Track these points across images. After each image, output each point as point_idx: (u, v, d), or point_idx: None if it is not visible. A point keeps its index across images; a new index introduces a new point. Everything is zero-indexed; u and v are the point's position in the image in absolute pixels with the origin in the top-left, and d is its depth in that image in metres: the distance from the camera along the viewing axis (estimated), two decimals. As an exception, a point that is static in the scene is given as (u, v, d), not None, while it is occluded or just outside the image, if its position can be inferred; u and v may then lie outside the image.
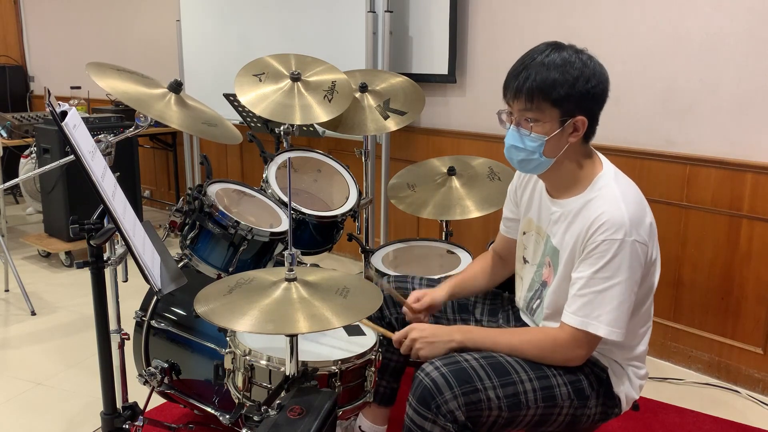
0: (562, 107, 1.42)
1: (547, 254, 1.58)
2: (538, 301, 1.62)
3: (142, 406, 1.67)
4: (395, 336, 1.59)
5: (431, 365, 1.43)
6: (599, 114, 1.48)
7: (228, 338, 1.59)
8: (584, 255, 1.43)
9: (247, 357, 1.51)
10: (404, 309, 1.76)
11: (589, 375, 1.51)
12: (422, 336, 1.54)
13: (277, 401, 1.31)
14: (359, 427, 1.91)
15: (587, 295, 1.42)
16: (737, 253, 2.49)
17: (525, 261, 1.68)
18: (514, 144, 1.49)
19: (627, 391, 1.55)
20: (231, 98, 3.13)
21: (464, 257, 2.32)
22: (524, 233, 1.68)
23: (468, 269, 1.87)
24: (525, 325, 1.70)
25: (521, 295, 1.70)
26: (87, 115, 4.02)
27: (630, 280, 1.40)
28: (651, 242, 1.45)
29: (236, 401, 1.57)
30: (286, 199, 2.17)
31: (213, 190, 2.02)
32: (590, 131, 1.49)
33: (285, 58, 2.40)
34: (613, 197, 1.43)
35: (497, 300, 1.83)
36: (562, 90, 1.40)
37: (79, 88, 4.37)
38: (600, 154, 1.56)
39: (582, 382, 1.49)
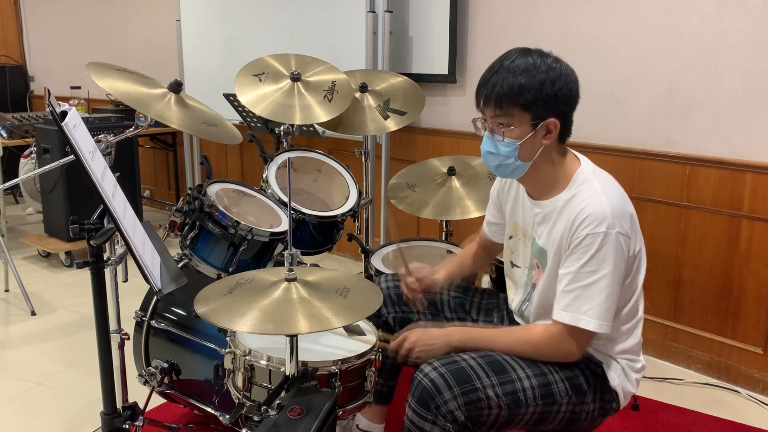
0: (531, 111, 1.44)
1: (534, 256, 1.59)
2: (528, 303, 1.63)
3: (142, 406, 1.67)
4: (392, 345, 1.59)
5: (430, 366, 1.43)
6: (572, 114, 1.50)
7: (228, 338, 1.59)
8: (570, 250, 1.45)
9: (247, 357, 1.51)
10: (402, 285, 1.79)
11: (585, 371, 1.52)
12: (420, 339, 1.54)
13: (277, 401, 1.31)
14: (357, 425, 1.91)
15: (575, 290, 1.43)
16: (737, 253, 2.49)
17: (514, 265, 1.69)
18: (489, 150, 1.52)
19: (623, 385, 1.55)
20: (231, 98, 3.13)
21: (464, 257, 2.32)
22: (510, 237, 1.69)
23: (461, 254, 1.93)
24: (518, 325, 1.71)
25: (515, 298, 1.71)
26: (87, 115, 4.02)
27: (615, 272, 1.42)
28: (633, 234, 1.46)
29: (236, 401, 1.57)
30: (286, 199, 2.17)
31: (213, 190, 2.02)
32: (564, 132, 1.50)
33: (285, 58, 2.40)
34: (593, 192, 1.45)
35: (493, 299, 1.83)
36: (530, 94, 1.42)
37: (79, 88, 4.37)
38: (576, 153, 1.57)
39: (578, 378, 1.50)
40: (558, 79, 1.44)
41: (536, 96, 1.42)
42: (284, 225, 2.06)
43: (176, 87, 1.94)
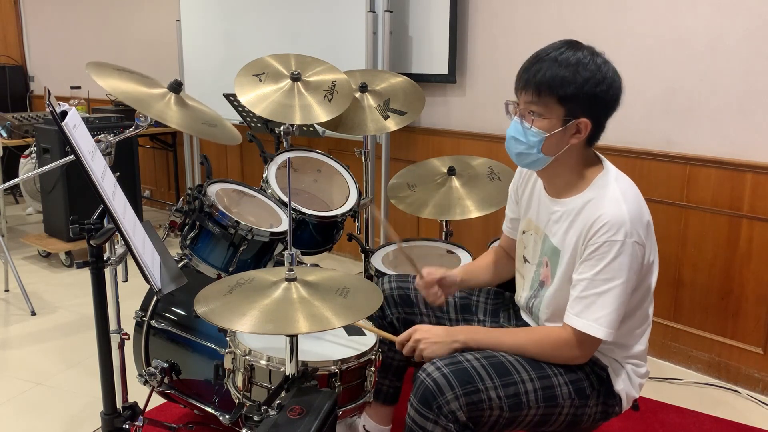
0: (567, 106, 1.42)
1: (545, 254, 1.57)
2: (536, 300, 1.62)
3: (142, 406, 1.67)
4: (398, 338, 1.59)
5: (432, 365, 1.42)
6: (605, 121, 1.47)
7: (228, 338, 1.59)
8: (585, 256, 1.44)
9: (247, 357, 1.51)
10: (417, 281, 1.73)
11: (590, 374, 1.51)
12: (425, 337, 1.53)
13: (277, 401, 1.31)
14: (363, 426, 1.91)
15: (589, 297, 1.43)
16: (737, 253, 2.49)
17: (525, 260, 1.68)
18: (515, 136, 1.49)
19: (627, 389, 1.55)
20: (231, 98, 3.13)
21: (464, 257, 2.32)
22: (524, 232, 1.68)
23: (475, 261, 1.88)
24: (526, 323, 1.70)
25: (522, 294, 1.70)
26: (87, 115, 4.02)
27: (628, 282, 1.41)
28: (649, 243, 1.45)
29: (236, 401, 1.57)
30: (286, 199, 2.17)
31: (213, 190, 2.02)
32: (594, 136, 1.48)
33: (285, 58, 2.40)
34: (613, 197, 1.43)
35: (498, 299, 1.83)
36: (570, 89, 1.40)
37: (79, 88, 4.37)
38: (602, 156, 1.56)
39: (583, 382, 1.50)
40: (602, 81, 1.41)
41: (576, 92, 1.40)
42: (284, 225, 2.06)
43: (176, 87, 1.94)
